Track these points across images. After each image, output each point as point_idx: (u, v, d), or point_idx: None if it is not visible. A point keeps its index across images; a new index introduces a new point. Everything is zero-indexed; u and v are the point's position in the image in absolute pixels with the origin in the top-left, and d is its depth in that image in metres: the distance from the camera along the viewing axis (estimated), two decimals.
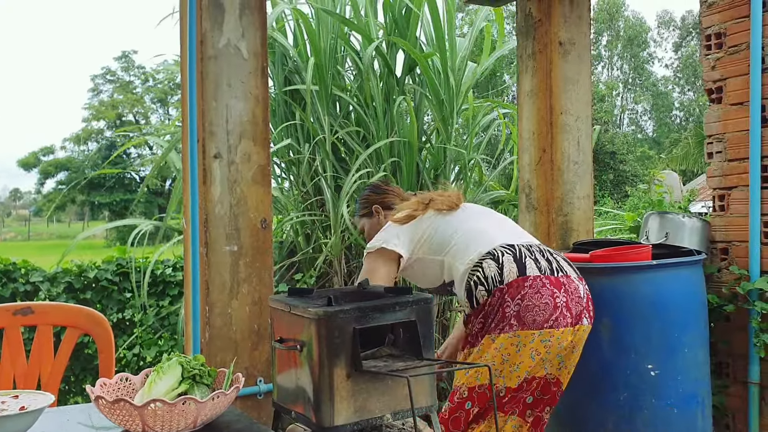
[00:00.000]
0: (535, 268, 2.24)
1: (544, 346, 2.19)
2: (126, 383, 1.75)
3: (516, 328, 2.18)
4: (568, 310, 2.23)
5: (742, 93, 3.07)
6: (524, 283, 2.20)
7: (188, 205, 2.63)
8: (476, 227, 2.40)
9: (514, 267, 2.23)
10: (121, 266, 4.48)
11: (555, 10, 3.43)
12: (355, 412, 1.70)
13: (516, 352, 2.18)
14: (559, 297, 2.22)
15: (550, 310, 2.19)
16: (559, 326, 2.20)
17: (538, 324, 2.18)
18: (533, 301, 2.18)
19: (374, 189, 2.85)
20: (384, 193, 2.80)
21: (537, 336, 2.18)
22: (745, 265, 3.01)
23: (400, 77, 4.76)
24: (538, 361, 2.19)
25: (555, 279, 2.25)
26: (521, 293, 2.19)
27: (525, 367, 2.19)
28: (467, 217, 2.47)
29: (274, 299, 1.93)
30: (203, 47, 2.65)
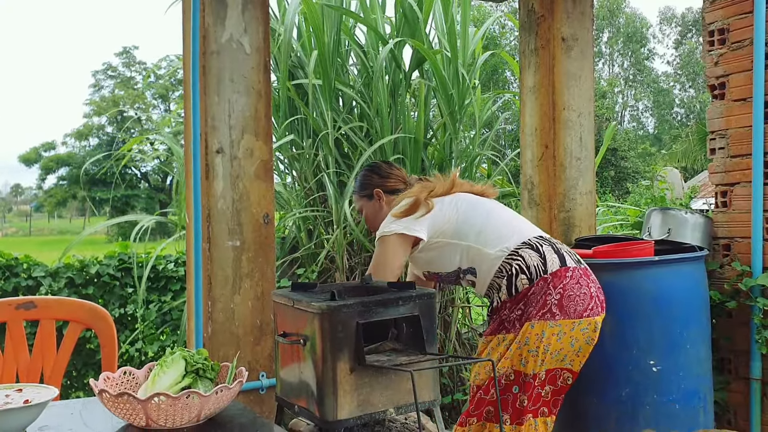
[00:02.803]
0: (571, 258, 2.37)
1: (582, 334, 2.29)
2: (129, 377, 1.75)
3: (559, 317, 2.26)
4: (598, 299, 2.35)
5: (745, 89, 3.06)
6: (566, 273, 2.30)
7: (191, 200, 2.64)
8: (504, 216, 2.48)
9: (556, 258, 2.33)
10: (123, 261, 4.48)
11: (558, 6, 3.42)
12: (358, 407, 1.70)
13: (557, 340, 2.26)
14: (592, 287, 2.35)
15: (588, 300, 2.30)
16: (595, 315, 2.31)
17: (578, 313, 2.28)
18: (574, 292, 2.29)
19: (377, 170, 2.72)
20: (387, 177, 2.69)
21: (577, 325, 2.28)
22: (748, 261, 3.01)
23: (407, 72, 4.74)
24: (576, 348, 2.30)
25: (584, 269, 2.37)
26: (563, 283, 2.29)
27: (563, 353, 2.29)
28: (491, 207, 2.51)
29: (278, 294, 1.93)
30: (206, 42, 2.65)
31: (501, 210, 2.53)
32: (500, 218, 2.46)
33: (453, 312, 4.58)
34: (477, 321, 5.16)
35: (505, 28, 29.38)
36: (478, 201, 2.51)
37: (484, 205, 2.50)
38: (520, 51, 3.68)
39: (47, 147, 38.97)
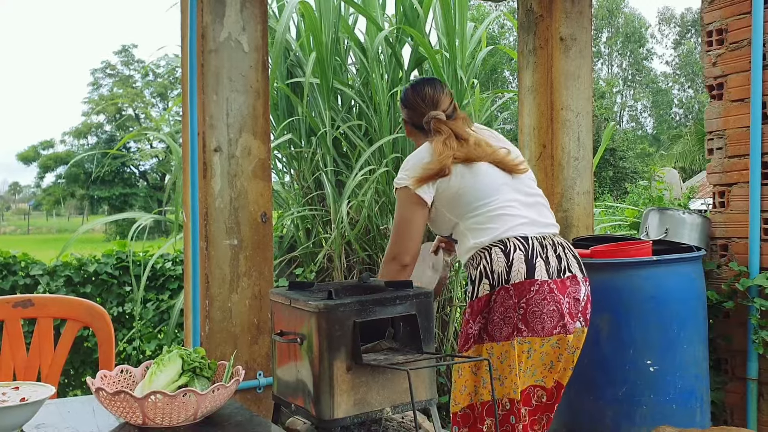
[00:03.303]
0: (544, 270, 2.18)
1: (553, 349, 2.20)
2: (126, 375, 1.75)
3: (526, 333, 2.15)
4: (571, 316, 2.20)
5: (743, 89, 3.07)
6: (531, 287, 2.15)
7: (188, 198, 2.64)
8: (501, 202, 2.27)
9: (523, 267, 2.16)
10: (121, 260, 4.47)
11: (556, 6, 3.42)
12: (355, 405, 1.70)
13: (528, 358, 2.18)
14: (563, 303, 2.18)
15: (556, 318, 2.16)
16: (566, 333, 2.18)
17: (547, 330, 2.16)
18: (539, 308, 2.15)
19: (403, 99, 2.52)
20: (412, 108, 2.48)
21: (546, 341, 2.17)
22: (745, 261, 3.02)
23: (407, 70, 4.74)
24: (548, 362, 2.21)
25: (561, 282, 2.20)
26: (527, 297, 2.15)
27: (534, 368, 2.21)
28: (497, 186, 2.29)
29: (275, 292, 1.93)
30: (204, 41, 2.65)
31: (507, 194, 2.29)
32: (497, 204, 2.27)
33: (451, 311, 4.58)
34: None
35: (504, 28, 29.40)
36: (488, 178, 2.29)
37: (491, 184, 2.28)
38: (518, 51, 3.68)
39: (46, 145, 38.95)
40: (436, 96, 2.44)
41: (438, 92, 2.45)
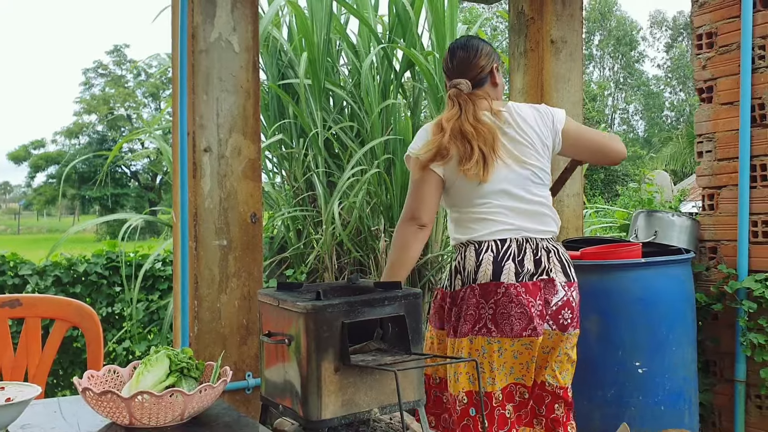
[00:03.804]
0: (512, 273, 2.17)
1: (526, 349, 2.20)
2: (114, 375, 1.74)
3: (495, 333, 2.17)
4: (541, 318, 2.19)
5: (732, 92, 3.08)
6: (497, 289, 2.17)
7: (178, 198, 2.63)
8: (490, 208, 2.24)
9: (490, 269, 2.18)
10: (111, 260, 4.46)
11: (547, 8, 3.43)
12: (343, 406, 1.70)
13: (499, 357, 2.20)
14: (533, 305, 2.17)
15: (525, 321, 2.16)
16: (535, 335, 2.17)
17: (516, 332, 2.16)
18: (507, 310, 2.16)
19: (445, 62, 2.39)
20: (446, 74, 2.39)
21: (517, 341, 2.18)
22: (734, 264, 3.03)
23: (398, 72, 4.75)
24: (522, 361, 2.21)
25: (533, 285, 2.18)
26: (494, 298, 2.17)
27: (509, 366, 2.22)
28: (491, 191, 2.24)
29: (263, 293, 1.93)
30: (194, 41, 2.64)
31: (499, 200, 2.24)
32: (485, 209, 2.24)
33: None
34: None
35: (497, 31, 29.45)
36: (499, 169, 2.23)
37: (485, 188, 2.23)
38: (509, 53, 3.69)
39: (37, 145, 38.78)
40: (466, 61, 2.30)
41: (470, 56, 2.31)
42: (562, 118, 2.35)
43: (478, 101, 2.28)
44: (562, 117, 2.35)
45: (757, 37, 3.00)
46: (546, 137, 2.30)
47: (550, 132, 2.32)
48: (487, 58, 2.32)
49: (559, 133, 2.32)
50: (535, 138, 2.28)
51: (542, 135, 2.29)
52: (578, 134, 2.38)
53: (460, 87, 2.28)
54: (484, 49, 2.33)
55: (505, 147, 2.25)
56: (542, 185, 2.32)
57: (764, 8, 3.00)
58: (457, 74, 2.31)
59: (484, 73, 2.32)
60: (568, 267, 2.30)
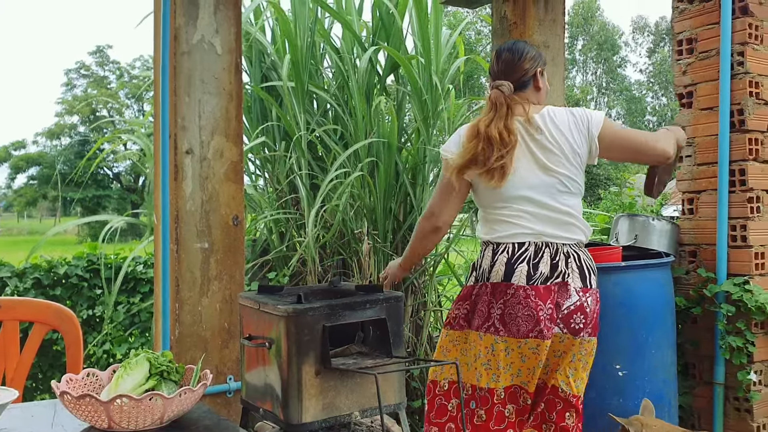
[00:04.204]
0: (524, 275, 2.20)
1: (532, 353, 2.22)
2: (93, 379, 1.73)
3: (503, 333, 2.21)
4: (551, 321, 2.21)
5: (712, 98, 3.12)
6: (507, 290, 2.21)
7: (159, 201, 2.62)
8: (512, 211, 2.27)
9: (503, 270, 2.22)
10: (92, 262, 4.42)
11: (529, 13, 3.45)
12: (323, 410, 1.70)
13: (506, 356, 2.22)
14: (542, 309, 2.19)
15: (531, 323, 2.18)
16: (542, 338, 2.19)
17: (523, 333, 2.20)
18: (515, 311, 2.20)
19: (491, 63, 2.43)
20: (490, 74, 2.41)
21: (524, 344, 2.21)
22: (713, 267, 3.06)
23: (382, 75, 4.75)
24: (529, 365, 2.23)
25: (545, 288, 2.21)
26: (504, 299, 2.22)
27: (516, 367, 2.24)
28: (516, 195, 2.27)
29: (244, 296, 1.92)
30: (177, 43, 2.63)
31: (522, 205, 2.27)
32: (508, 212, 2.28)
33: (425, 315, 4.59)
34: None
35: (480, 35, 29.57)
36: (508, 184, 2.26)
37: (509, 191, 2.26)
38: None
39: (17, 146, 38.37)
40: (511, 63, 2.33)
41: (515, 59, 2.34)
42: (599, 122, 2.30)
43: (515, 106, 2.29)
44: (598, 121, 2.30)
45: (736, 43, 3.04)
46: (579, 144, 2.28)
47: (585, 138, 2.29)
48: (531, 61, 2.35)
49: (596, 139, 2.29)
50: (565, 145, 2.27)
51: (574, 142, 2.28)
52: (614, 137, 2.32)
53: (501, 88, 2.29)
54: (530, 53, 2.36)
55: (533, 154, 2.26)
56: (569, 193, 2.29)
57: (743, 15, 3.03)
58: (502, 76, 2.33)
59: (528, 76, 2.34)
60: (587, 273, 2.30)
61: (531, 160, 2.26)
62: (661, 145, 2.37)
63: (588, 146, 2.30)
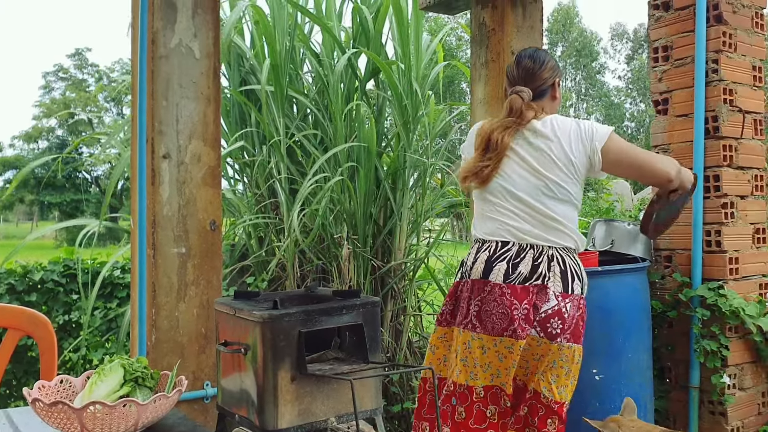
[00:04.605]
0: (501, 273, 2.23)
1: (509, 351, 2.23)
2: (66, 386, 1.71)
3: (479, 330, 2.25)
4: (527, 322, 2.22)
5: (687, 105, 3.16)
6: (484, 287, 2.26)
7: (136, 205, 2.60)
8: (500, 208, 2.33)
9: (482, 267, 2.28)
10: (69, 267, 4.38)
11: (508, 20, 3.48)
12: (299, 416, 1.70)
13: (482, 354, 2.25)
14: (517, 308, 2.21)
15: (507, 321, 2.21)
16: (518, 337, 2.20)
17: (497, 331, 2.23)
18: (490, 308, 2.24)
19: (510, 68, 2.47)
20: (508, 78, 2.46)
21: (499, 342, 2.23)
22: (688, 272, 3.09)
23: (362, 80, 4.76)
24: (506, 364, 2.24)
25: (522, 288, 2.22)
26: (481, 296, 2.26)
27: (494, 366, 2.25)
28: (506, 194, 2.32)
29: (220, 302, 1.91)
30: (154, 46, 2.62)
31: (509, 204, 2.32)
32: (496, 209, 2.33)
33: (404, 320, 4.59)
34: (428, 329, 5.19)
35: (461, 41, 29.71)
36: (499, 183, 2.33)
37: (499, 189, 2.32)
38: (471, 64, 3.73)
39: None
40: (531, 71, 2.38)
41: (536, 67, 2.38)
42: (603, 136, 2.31)
43: (527, 112, 2.34)
44: (603, 135, 2.31)
45: (711, 51, 3.08)
46: (577, 154, 2.30)
47: (586, 149, 2.30)
48: (551, 71, 2.40)
49: (598, 152, 2.29)
50: (560, 152, 2.29)
51: (571, 151, 2.29)
52: (620, 152, 2.34)
53: (521, 94, 2.34)
54: (550, 63, 2.41)
55: (525, 156, 2.31)
56: (555, 199, 2.30)
57: (717, 24, 3.08)
58: (521, 82, 2.38)
59: (546, 85, 2.40)
60: (570, 279, 2.29)
61: (522, 162, 2.31)
62: (661, 166, 2.39)
63: (588, 158, 2.31)
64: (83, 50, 38.89)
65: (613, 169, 2.39)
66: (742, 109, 3.14)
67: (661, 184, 2.45)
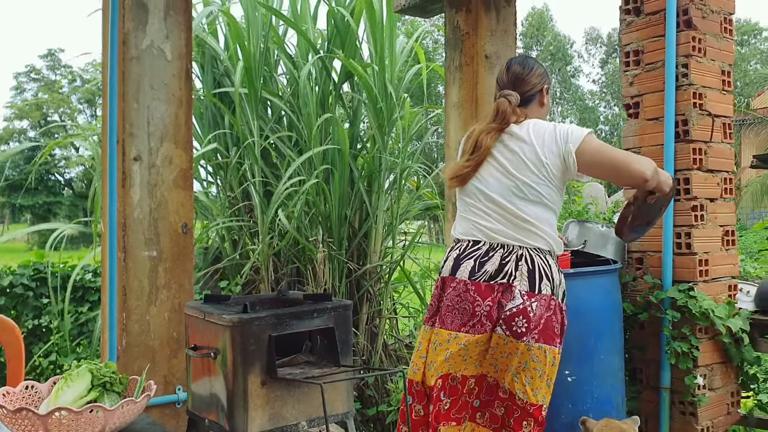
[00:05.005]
0: (467, 270, 2.27)
1: (460, 348, 2.23)
2: (32, 392, 1.68)
3: (438, 325, 2.28)
4: (489, 319, 2.24)
5: (657, 108, 3.19)
6: (451, 283, 2.30)
7: (106, 208, 2.57)
8: (475, 209, 2.37)
9: (451, 264, 2.33)
10: (39, 271, 4.32)
11: (482, 24, 3.49)
12: (270, 420, 1.68)
13: (433, 350, 2.26)
14: (480, 305, 2.23)
15: (468, 316, 2.24)
16: (475, 332, 2.22)
17: (454, 326, 2.24)
18: (453, 303, 2.27)
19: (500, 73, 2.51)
20: (498, 83, 2.50)
21: (453, 338, 2.23)
22: (659, 274, 3.12)
23: (337, 83, 4.75)
24: (455, 360, 2.24)
25: (487, 286, 2.24)
26: (447, 292, 2.29)
27: (439, 367, 2.24)
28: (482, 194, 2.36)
29: (190, 306, 1.90)
30: (125, 48, 2.59)
31: (484, 205, 2.35)
32: (472, 209, 2.37)
33: (380, 323, 4.59)
34: (404, 332, 5.19)
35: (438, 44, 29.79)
36: (478, 184, 2.37)
37: (477, 189, 2.36)
38: (445, 67, 3.74)
39: None
40: (520, 76, 2.42)
41: (524, 72, 2.42)
42: (578, 138, 2.31)
43: (511, 117, 2.37)
44: (577, 137, 2.31)
45: (681, 55, 3.11)
46: (549, 156, 2.31)
47: (560, 150, 2.31)
48: (539, 78, 2.44)
49: (572, 153, 2.29)
50: (531, 154, 2.31)
51: (544, 153, 2.31)
52: (596, 153, 2.33)
53: (509, 98, 2.38)
54: (538, 70, 2.45)
55: (499, 158, 2.34)
56: (525, 200, 2.32)
57: (687, 29, 3.11)
58: (510, 86, 2.42)
59: (534, 91, 2.43)
60: (538, 278, 2.29)
61: (496, 164, 2.35)
62: (637, 166, 2.37)
63: (562, 160, 2.32)
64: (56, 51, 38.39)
65: (589, 170, 2.39)
66: (712, 113, 3.18)
67: (638, 184, 2.44)
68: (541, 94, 2.45)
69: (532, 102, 2.44)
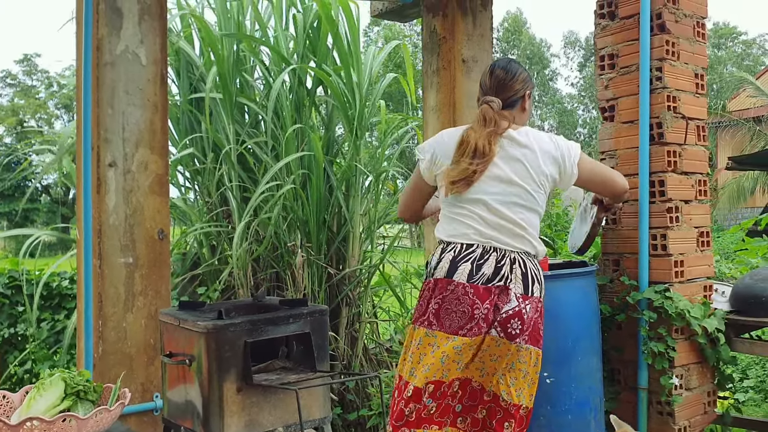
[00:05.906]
0: (465, 273, 2.28)
1: (456, 352, 2.24)
2: (3, 402, 1.66)
3: (435, 327, 2.27)
4: (486, 322, 2.25)
5: (632, 111, 3.21)
6: (448, 285, 2.28)
7: (81, 214, 2.55)
8: (467, 212, 2.36)
9: (447, 266, 2.30)
10: (14, 278, 4.27)
11: (458, 28, 3.51)
12: (246, 427, 1.68)
13: (431, 353, 2.25)
14: (479, 307, 2.25)
15: (466, 319, 2.24)
16: (472, 335, 2.24)
17: (452, 329, 2.25)
18: (451, 306, 2.26)
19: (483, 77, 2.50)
20: (481, 87, 2.49)
21: (451, 341, 2.24)
22: (635, 275, 3.15)
23: (310, 89, 4.74)
24: (447, 364, 2.24)
25: (485, 289, 2.26)
26: (443, 294, 2.28)
27: (434, 369, 2.24)
28: (474, 199, 2.35)
29: (165, 313, 1.88)
30: (100, 53, 2.58)
31: (477, 209, 2.35)
32: (464, 212, 2.36)
33: (360, 327, 4.58)
34: (384, 336, 5.19)
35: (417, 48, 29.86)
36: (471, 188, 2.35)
37: (469, 194, 2.35)
38: (423, 71, 3.75)
39: None
40: (503, 81, 2.42)
41: (507, 78, 2.42)
42: (577, 154, 2.43)
43: (501, 121, 2.37)
44: (577, 153, 2.44)
45: (655, 59, 3.15)
46: (551, 167, 2.38)
47: (562, 165, 2.41)
48: (522, 83, 2.44)
49: (575, 166, 2.41)
50: (534, 163, 2.36)
51: (546, 164, 2.37)
52: (593, 167, 2.51)
53: (491, 104, 2.38)
54: (522, 75, 2.45)
55: (500, 164, 2.35)
56: (524, 207, 2.36)
57: (661, 32, 3.14)
58: (492, 92, 2.42)
59: (517, 96, 2.44)
60: (530, 281, 2.33)
61: (498, 170, 2.35)
62: (621, 180, 2.62)
63: (559, 171, 2.41)
64: (32, 56, 38.05)
65: (585, 183, 2.54)
66: (686, 116, 3.21)
67: (619, 195, 2.65)
68: (523, 99, 2.47)
69: (514, 107, 2.45)
